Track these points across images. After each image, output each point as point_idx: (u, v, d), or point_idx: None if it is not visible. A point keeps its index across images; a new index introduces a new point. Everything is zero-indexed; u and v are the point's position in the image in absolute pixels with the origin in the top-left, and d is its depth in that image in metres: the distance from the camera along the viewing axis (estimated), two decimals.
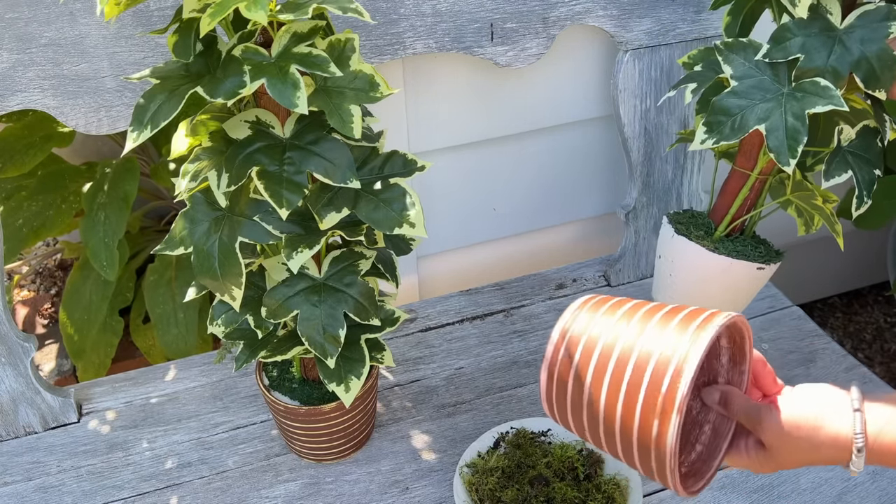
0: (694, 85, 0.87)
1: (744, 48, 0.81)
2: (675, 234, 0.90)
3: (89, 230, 1.19)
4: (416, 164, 0.80)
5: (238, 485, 0.98)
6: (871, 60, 0.77)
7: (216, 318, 0.89)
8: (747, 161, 0.91)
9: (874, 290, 1.99)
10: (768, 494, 0.95)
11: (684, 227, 0.92)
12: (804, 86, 0.78)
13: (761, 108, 0.78)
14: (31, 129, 1.26)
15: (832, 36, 0.78)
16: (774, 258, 0.93)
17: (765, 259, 0.91)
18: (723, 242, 0.90)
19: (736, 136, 0.79)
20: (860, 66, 0.77)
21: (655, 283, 0.96)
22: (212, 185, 0.75)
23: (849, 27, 0.78)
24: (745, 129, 0.78)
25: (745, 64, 0.80)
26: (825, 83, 0.77)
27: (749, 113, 0.79)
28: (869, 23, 0.77)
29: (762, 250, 0.92)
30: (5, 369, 1.00)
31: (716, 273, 0.88)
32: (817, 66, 0.78)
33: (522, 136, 1.29)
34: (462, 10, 1.02)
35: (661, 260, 0.93)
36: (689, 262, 0.90)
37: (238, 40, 0.71)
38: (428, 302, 1.27)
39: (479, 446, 0.95)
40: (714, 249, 0.89)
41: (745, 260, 0.89)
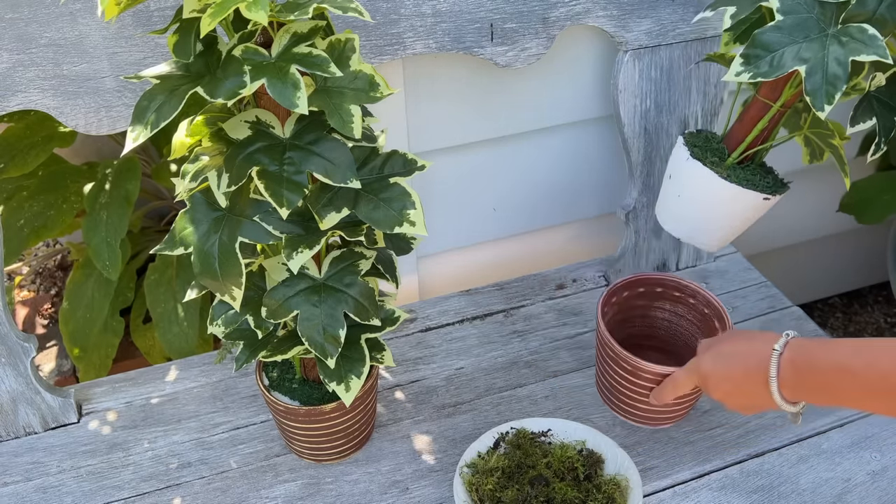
0: (733, 9, 0.84)
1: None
2: (691, 156, 0.90)
3: (91, 230, 1.19)
4: (416, 163, 0.80)
5: (238, 485, 0.98)
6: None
7: (216, 318, 0.89)
8: (772, 92, 0.89)
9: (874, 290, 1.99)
10: (768, 494, 0.95)
11: (700, 151, 0.91)
12: (850, 30, 0.76)
13: (804, 48, 0.76)
14: (33, 130, 1.26)
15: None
16: (780, 189, 0.93)
17: (772, 189, 0.91)
18: (734, 170, 0.90)
19: (774, 74, 0.76)
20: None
21: (661, 202, 0.96)
22: (212, 186, 0.75)
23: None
24: (783, 68, 0.76)
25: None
26: (873, 31, 0.75)
27: (790, 51, 0.76)
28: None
29: (770, 180, 0.92)
30: (5, 369, 1.01)
31: (725, 199, 0.88)
32: (868, 10, 0.76)
33: (522, 136, 1.29)
34: (462, 11, 1.03)
35: (670, 180, 0.93)
36: (700, 186, 0.89)
37: (238, 40, 0.71)
38: (428, 302, 1.27)
39: (479, 446, 0.95)
40: (727, 177, 0.89)
41: (755, 189, 0.89)
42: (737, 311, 1.23)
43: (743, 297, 1.26)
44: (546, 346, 1.18)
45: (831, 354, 0.71)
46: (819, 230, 1.73)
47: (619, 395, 1.01)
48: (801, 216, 1.68)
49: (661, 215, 0.96)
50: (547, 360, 1.15)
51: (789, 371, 0.74)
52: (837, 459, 0.99)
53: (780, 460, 0.99)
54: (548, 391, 1.10)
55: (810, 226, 1.71)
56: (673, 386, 0.89)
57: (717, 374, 0.81)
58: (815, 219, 1.70)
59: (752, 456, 1.00)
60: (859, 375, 0.68)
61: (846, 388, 0.69)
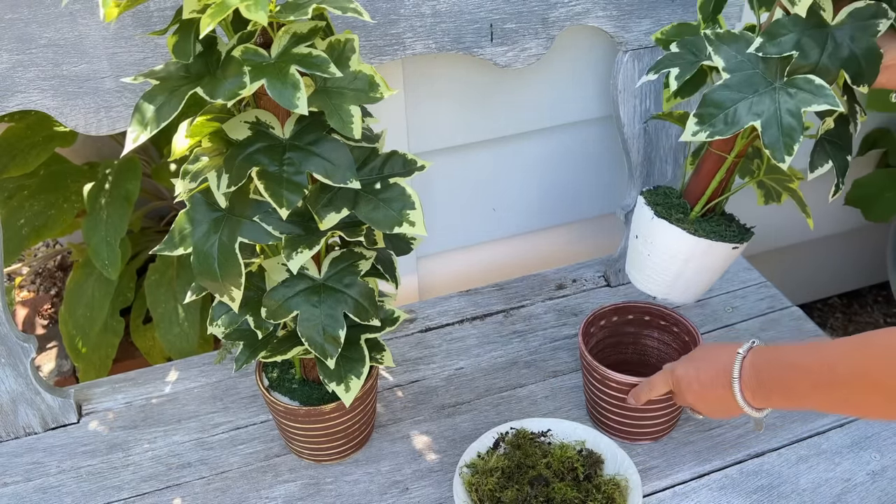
0: (677, 70, 0.87)
1: (735, 40, 0.80)
2: (655, 216, 0.91)
3: (92, 229, 1.19)
4: (415, 163, 0.80)
5: (238, 485, 0.98)
6: (859, 58, 0.78)
7: (216, 318, 0.89)
8: (725, 144, 0.91)
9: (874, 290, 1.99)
10: (768, 494, 0.95)
11: (663, 209, 0.92)
12: (797, 82, 0.78)
13: (756, 102, 0.78)
14: (34, 129, 1.26)
15: (824, 32, 0.78)
16: (746, 236, 0.95)
17: (739, 238, 0.93)
18: (700, 224, 0.91)
19: (730, 131, 0.78)
20: (850, 63, 0.78)
21: (630, 261, 0.97)
22: (212, 186, 0.75)
23: (839, 24, 0.78)
24: (739, 124, 0.78)
25: (737, 56, 0.80)
26: (819, 82, 0.77)
27: (742, 107, 0.78)
28: (859, 20, 0.78)
29: (734, 228, 0.94)
30: (5, 370, 1.01)
31: (696, 254, 0.90)
32: (811, 63, 0.78)
33: (522, 136, 1.29)
34: (462, 11, 1.03)
35: (637, 240, 0.94)
36: (670, 244, 0.91)
37: (238, 41, 0.71)
38: (428, 302, 1.27)
39: (479, 446, 0.95)
40: (695, 232, 0.90)
41: (723, 241, 0.91)
42: (737, 311, 1.23)
43: (743, 297, 1.26)
44: (546, 346, 1.18)
45: (788, 355, 0.75)
46: (819, 230, 1.73)
47: (597, 408, 1.02)
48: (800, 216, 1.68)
49: (633, 275, 0.97)
50: (547, 360, 1.15)
51: (750, 372, 0.78)
52: (837, 459, 0.99)
53: (780, 460, 0.99)
54: (548, 391, 1.10)
55: None
56: (649, 387, 0.91)
57: (687, 376, 0.85)
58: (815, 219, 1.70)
59: (752, 456, 1.00)
60: (811, 371, 0.71)
61: (799, 385, 0.72)
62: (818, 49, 0.78)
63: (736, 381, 0.79)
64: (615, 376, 0.94)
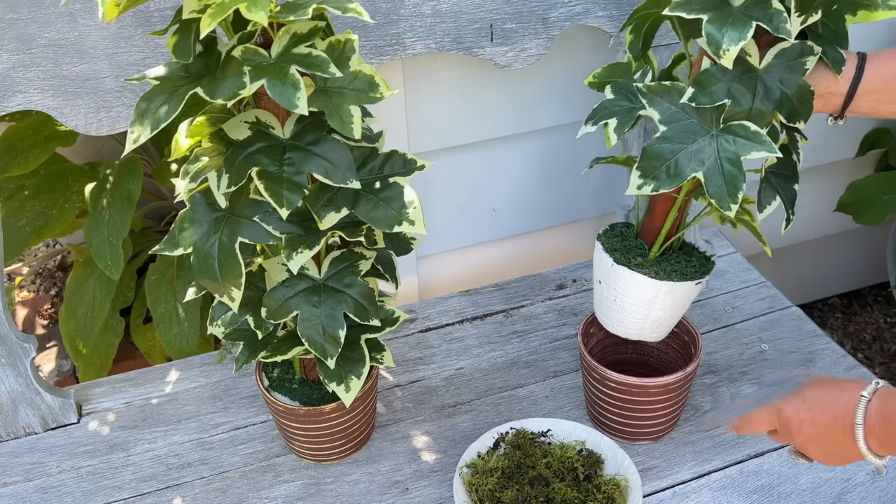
0: (615, 122, 0.88)
1: (668, 91, 0.80)
2: (615, 263, 0.91)
3: (93, 229, 1.19)
4: (415, 163, 0.80)
5: (238, 485, 0.98)
6: (791, 98, 0.78)
7: (216, 318, 0.89)
8: None
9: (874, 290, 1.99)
10: (768, 494, 0.95)
11: (620, 255, 0.92)
12: (734, 129, 0.78)
13: (696, 153, 0.78)
14: (35, 129, 1.26)
15: (753, 77, 0.78)
16: (708, 267, 0.94)
17: (700, 272, 0.92)
18: (660, 264, 0.91)
19: (674, 183, 0.79)
20: (783, 104, 0.78)
21: (598, 307, 0.98)
22: (212, 186, 0.75)
23: (767, 67, 0.78)
24: (682, 176, 0.78)
25: (671, 108, 0.80)
26: (755, 128, 0.77)
27: (683, 158, 0.79)
28: (786, 60, 0.78)
29: (695, 263, 0.93)
30: (5, 370, 1.01)
31: (660, 295, 0.90)
32: (744, 109, 0.78)
33: (522, 136, 1.29)
34: (462, 11, 1.03)
35: (601, 286, 0.95)
36: (634, 290, 0.91)
37: (238, 41, 0.71)
38: (428, 302, 1.27)
39: (479, 447, 0.95)
40: (656, 275, 0.90)
41: (685, 280, 0.90)
42: (737, 311, 1.23)
43: (743, 297, 1.26)
44: (546, 346, 1.18)
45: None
46: (819, 230, 1.73)
47: (597, 408, 1.02)
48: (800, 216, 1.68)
49: (603, 320, 0.98)
50: (547, 360, 1.15)
51: (877, 419, 0.70)
52: None
53: (780, 460, 0.99)
54: (548, 391, 1.10)
55: (810, 226, 1.71)
56: (750, 423, 0.83)
57: (798, 417, 0.77)
58: (814, 219, 1.70)
59: (752, 456, 1.00)
60: None
61: None
62: (750, 94, 0.78)
63: (860, 427, 0.71)
64: (615, 376, 0.94)
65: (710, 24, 0.74)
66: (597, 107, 0.91)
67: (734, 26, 0.73)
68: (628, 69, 0.94)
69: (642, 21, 0.88)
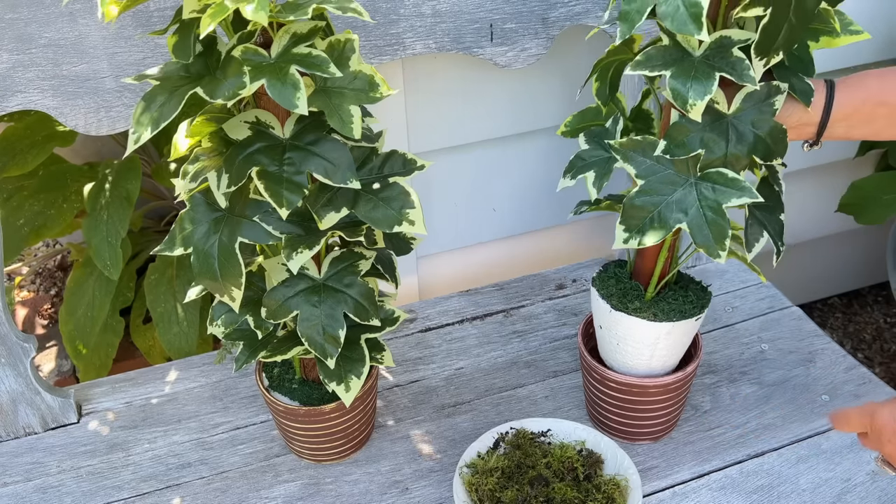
0: (593, 175, 0.89)
1: (641, 146, 0.80)
2: (613, 309, 0.92)
3: (92, 229, 1.19)
4: (415, 163, 0.80)
5: (238, 485, 0.98)
6: (765, 139, 0.78)
7: (216, 318, 0.89)
8: None
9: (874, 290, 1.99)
10: (768, 494, 0.95)
11: (617, 300, 0.92)
12: (711, 176, 0.78)
13: (677, 201, 0.79)
14: (34, 129, 1.26)
15: (724, 123, 0.78)
16: (706, 299, 0.94)
17: (698, 307, 0.92)
18: (658, 305, 0.92)
19: (659, 236, 0.79)
20: (757, 147, 0.78)
21: (602, 349, 0.99)
22: (212, 186, 0.75)
23: (737, 111, 0.78)
24: (667, 228, 0.79)
25: (646, 161, 0.80)
26: (732, 175, 0.77)
27: (665, 209, 0.79)
28: (755, 103, 0.78)
29: (692, 297, 0.93)
30: (5, 370, 1.01)
31: (661, 335, 0.91)
32: (719, 156, 0.78)
33: (522, 136, 1.29)
34: (462, 11, 1.03)
35: (602, 330, 0.96)
36: (634, 334, 0.92)
37: (238, 41, 0.71)
38: (428, 302, 1.27)
39: (479, 446, 0.95)
40: (654, 317, 0.90)
41: (684, 318, 0.91)
42: (737, 311, 1.23)
43: (742, 297, 1.26)
44: (546, 346, 1.18)
45: None
46: (819, 230, 1.73)
47: (597, 408, 1.02)
48: (801, 216, 1.68)
49: (609, 361, 0.98)
50: (547, 360, 1.15)
51: None
52: (837, 459, 0.99)
53: (780, 460, 0.99)
54: (548, 391, 1.10)
55: (810, 226, 1.71)
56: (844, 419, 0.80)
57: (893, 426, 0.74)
58: (815, 219, 1.70)
59: (752, 456, 1.00)
60: None
61: None
62: (723, 141, 0.78)
63: None
64: (615, 376, 0.94)
65: (673, 80, 0.74)
66: (573, 158, 0.92)
67: (698, 80, 0.73)
68: (598, 113, 0.95)
69: (607, 68, 0.88)
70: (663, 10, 0.69)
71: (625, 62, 0.87)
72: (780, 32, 0.73)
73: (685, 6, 0.68)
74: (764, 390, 1.09)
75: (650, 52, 0.76)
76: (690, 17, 0.68)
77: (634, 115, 0.95)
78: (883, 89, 0.78)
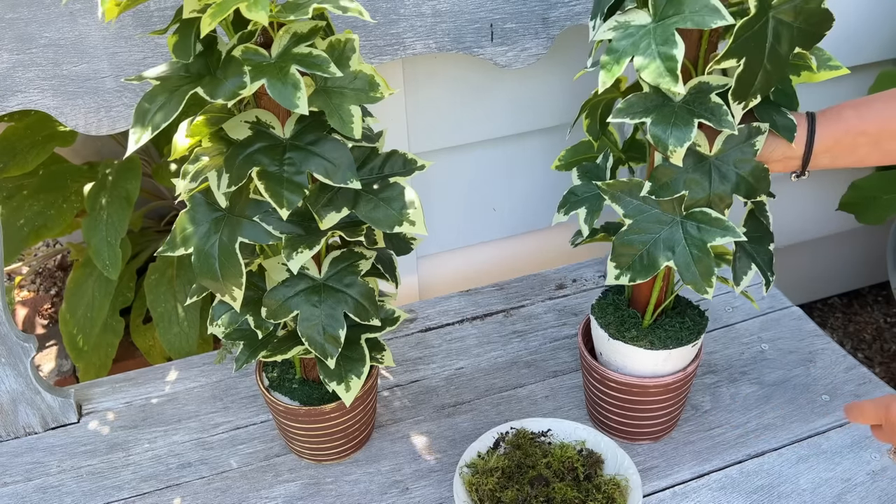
0: (584, 212, 0.92)
1: (628, 187, 0.83)
2: (610, 338, 0.94)
3: (92, 229, 1.19)
4: (415, 163, 0.80)
5: (238, 485, 0.98)
6: (747, 179, 0.81)
7: (216, 318, 0.89)
8: None
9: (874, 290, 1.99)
10: (768, 494, 0.95)
11: (615, 329, 0.94)
12: (696, 215, 0.81)
13: (664, 239, 0.82)
14: (34, 129, 1.26)
15: (706, 164, 0.80)
16: (702, 323, 0.96)
17: (695, 332, 0.94)
18: (655, 333, 0.93)
19: (649, 273, 0.82)
20: (740, 186, 0.81)
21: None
22: (212, 186, 0.75)
23: (719, 152, 0.80)
24: (655, 266, 0.82)
25: (633, 201, 0.83)
26: (716, 215, 0.80)
27: (654, 248, 0.82)
28: (737, 144, 0.80)
29: (689, 324, 0.95)
30: (5, 370, 1.01)
31: (660, 362, 0.93)
32: (703, 196, 0.81)
33: (522, 136, 1.29)
34: (462, 11, 1.03)
35: (603, 357, 0.98)
36: (632, 361, 0.94)
37: (238, 41, 0.71)
38: (428, 302, 1.27)
39: (479, 446, 0.95)
40: (651, 345, 0.92)
41: (681, 345, 0.92)
42: (737, 311, 1.23)
43: (742, 297, 1.26)
44: (546, 346, 1.18)
45: None
46: (819, 230, 1.73)
47: (597, 408, 1.02)
48: (801, 216, 1.68)
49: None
50: (547, 360, 1.15)
51: None
52: (837, 459, 0.99)
53: (780, 460, 0.99)
54: (548, 391, 1.10)
55: (810, 226, 1.71)
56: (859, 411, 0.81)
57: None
58: (815, 219, 1.70)
59: (752, 456, 1.00)
60: None
61: None
62: (706, 181, 0.80)
63: None
64: (615, 376, 0.94)
65: (654, 127, 0.76)
66: (566, 194, 0.95)
67: (678, 126, 0.76)
68: (591, 146, 0.97)
69: (595, 106, 0.91)
70: (640, 62, 0.72)
71: (613, 100, 0.90)
72: (756, 79, 0.75)
73: (661, 59, 0.71)
74: (764, 390, 1.09)
75: (631, 100, 0.78)
76: (666, 70, 0.71)
77: (628, 146, 0.97)
78: (861, 120, 0.80)
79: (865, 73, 1.50)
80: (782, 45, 0.74)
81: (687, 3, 0.71)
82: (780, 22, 0.73)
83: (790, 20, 0.73)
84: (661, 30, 0.71)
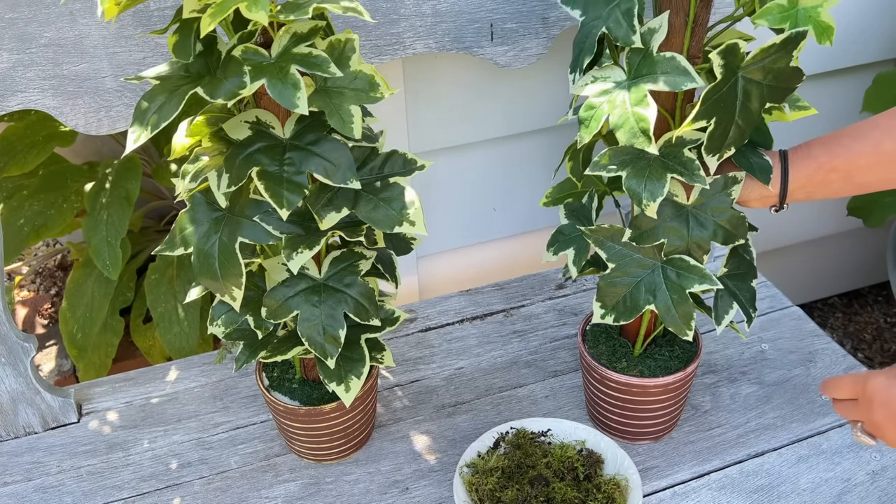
0: (573, 253, 0.94)
1: (610, 234, 0.87)
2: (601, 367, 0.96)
3: (92, 229, 1.19)
4: (415, 163, 0.80)
5: (238, 485, 0.98)
6: (725, 227, 0.84)
7: (216, 318, 0.89)
8: None
9: (874, 290, 1.99)
10: (768, 494, 0.95)
11: (606, 359, 0.97)
12: (675, 262, 0.85)
13: (646, 283, 0.85)
14: (34, 129, 1.26)
15: (684, 213, 0.84)
16: (693, 351, 0.97)
17: (684, 360, 0.96)
18: (645, 363, 0.96)
19: (632, 315, 0.85)
20: (717, 234, 0.84)
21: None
22: (212, 186, 0.75)
23: (697, 202, 0.84)
24: (638, 309, 0.85)
25: (616, 247, 0.86)
26: (693, 263, 0.84)
27: (636, 291, 0.85)
28: (714, 194, 0.84)
29: (678, 352, 0.97)
30: (5, 369, 1.01)
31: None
32: (682, 244, 0.84)
33: (522, 136, 1.29)
34: (462, 10, 1.02)
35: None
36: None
37: (238, 41, 0.71)
38: (428, 302, 1.27)
39: (479, 446, 0.95)
40: (640, 374, 0.94)
41: (670, 374, 0.94)
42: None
43: None
44: (546, 346, 1.18)
45: None
46: (819, 230, 1.73)
47: (597, 408, 1.02)
48: (801, 216, 1.68)
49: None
50: (547, 360, 1.15)
51: None
52: (837, 459, 0.99)
53: (780, 460, 0.99)
54: (548, 391, 1.10)
55: (810, 226, 1.71)
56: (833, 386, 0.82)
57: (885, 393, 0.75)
58: (815, 219, 1.70)
59: (752, 456, 1.00)
60: None
61: None
62: (684, 229, 0.84)
63: None
64: (615, 376, 0.94)
65: (629, 180, 0.80)
66: (555, 233, 0.97)
67: (651, 180, 0.79)
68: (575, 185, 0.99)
69: (578, 151, 0.93)
70: (614, 121, 0.75)
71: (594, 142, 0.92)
72: (728, 135, 0.78)
73: (634, 120, 0.74)
74: (764, 390, 1.09)
75: (608, 153, 0.81)
76: (640, 131, 0.74)
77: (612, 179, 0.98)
78: (831, 157, 0.82)
79: (863, 74, 1.50)
80: (752, 103, 0.77)
81: (659, 64, 0.74)
82: (749, 81, 0.76)
83: (759, 79, 0.76)
84: (634, 90, 0.75)
